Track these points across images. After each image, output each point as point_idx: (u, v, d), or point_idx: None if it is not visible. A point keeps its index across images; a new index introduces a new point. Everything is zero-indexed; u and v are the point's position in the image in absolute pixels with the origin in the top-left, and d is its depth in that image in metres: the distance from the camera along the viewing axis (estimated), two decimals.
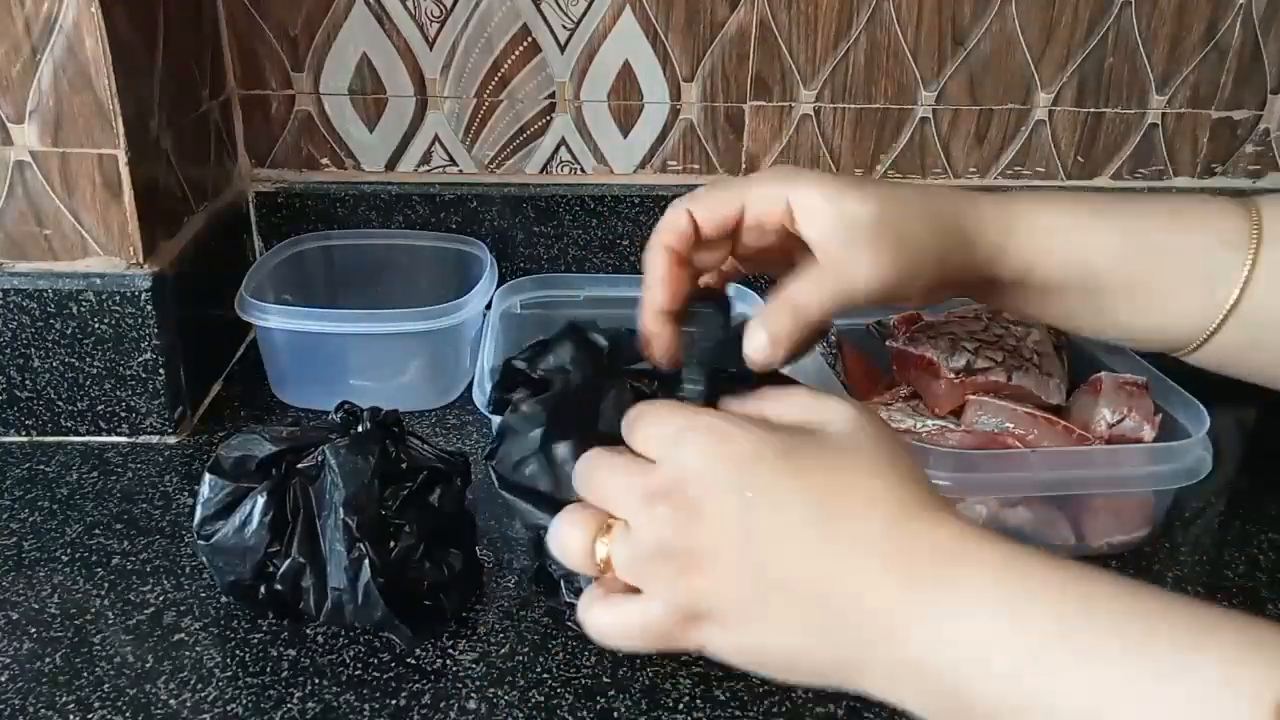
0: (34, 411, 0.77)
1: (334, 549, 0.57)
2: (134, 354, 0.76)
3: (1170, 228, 0.51)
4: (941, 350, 0.70)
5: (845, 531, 0.38)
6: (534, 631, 0.61)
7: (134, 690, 0.55)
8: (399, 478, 0.59)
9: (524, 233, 0.99)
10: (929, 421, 0.68)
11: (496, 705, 0.55)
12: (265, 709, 0.54)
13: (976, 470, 0.64)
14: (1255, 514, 0.74)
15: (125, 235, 0.73)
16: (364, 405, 0.62)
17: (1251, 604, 0.65)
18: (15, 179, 0.72)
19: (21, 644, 0.58)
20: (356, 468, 0.57)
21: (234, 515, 0.58)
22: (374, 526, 0.56)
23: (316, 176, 0.98)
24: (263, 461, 0.59)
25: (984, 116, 1.00)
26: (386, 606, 0.56)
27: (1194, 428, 0.68)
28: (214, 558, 0.59)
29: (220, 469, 0.59)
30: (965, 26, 0.95)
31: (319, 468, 0.58)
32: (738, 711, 0.55)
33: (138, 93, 0.73)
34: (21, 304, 0.74)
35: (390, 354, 0.83)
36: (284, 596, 0.58)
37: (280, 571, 0.57)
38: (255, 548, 0.57)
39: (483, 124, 0.97)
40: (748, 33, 0.94)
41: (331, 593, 0.57)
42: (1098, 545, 0.68)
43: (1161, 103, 1.01)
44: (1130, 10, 0.96)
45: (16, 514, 0.70)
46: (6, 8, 0.67)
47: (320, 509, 0.58)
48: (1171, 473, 0.66)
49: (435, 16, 0.92)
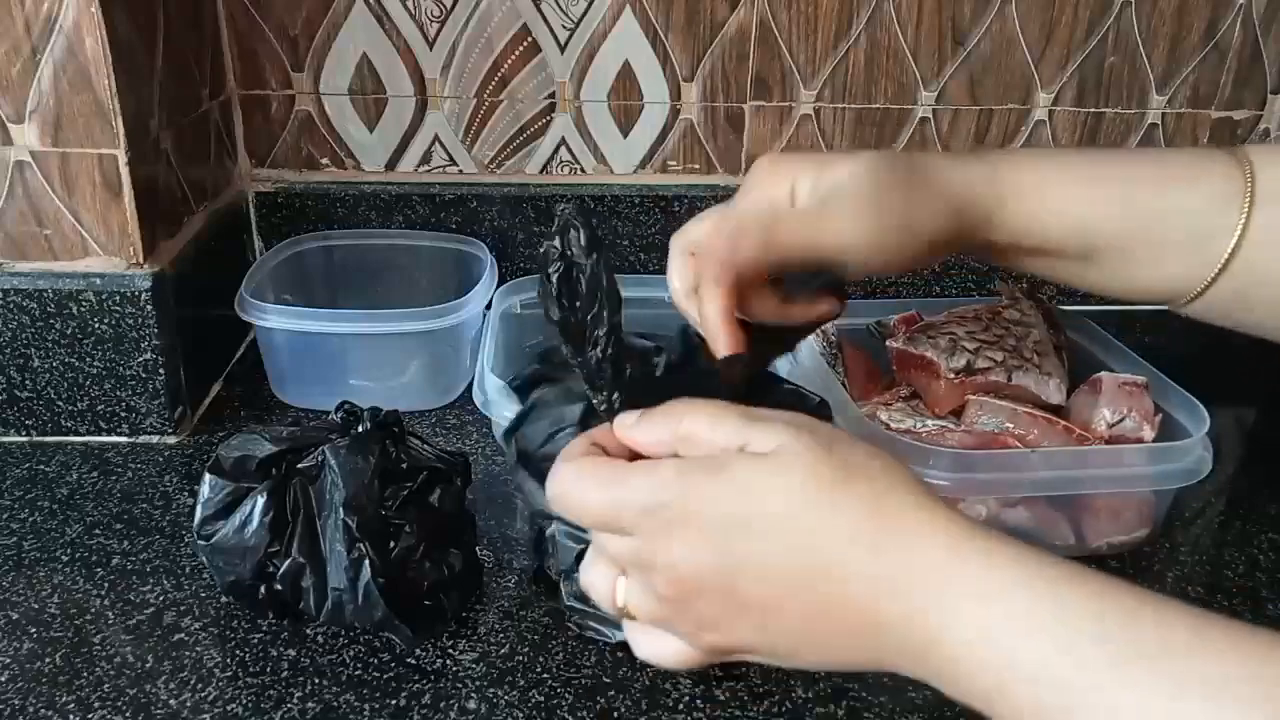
0: (34, 411, 0.77)
1: (334, 549, 0.57)
2: (134, 354, 0.76)
3: (1163, 190, 0.51)
4: (942, 350, 0.70)
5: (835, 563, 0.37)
6: (534, 631, 0.61)
7: (134, 690, 0.55)
8: (399, 478, 0.59)
9: (524, 233, 0.99)
10: (929, 421, 0.68)
11: (496, 705, 0.55)
12: (265, 709, 0.54)
13: (976, 470, 0.64)
14: (1255, 514, 0.74)
15: (125, 235, 0.73)
16: (364, 405, 0.62)
17: (1252, 604, 0.65)
18: (15, 179, 0.72)
19: (21, 644, 0.58)
20: (356, 468, 0.57)
21: (234, 515, 0.58)
22: (374, 527, 0.56)
23: (316, 176, 0.98)
24: (263, 461, 0.59)
25: (984, 116, 1.00)
26: (386, 606, 0.56)
27: (1194, 427, 0.68)
28: (214, 558, 0.59)
29: (220, 469, 0.59)
30: (965, 26, 0.95)
31: (319, 468, 0.58)
32: (738, 711, 0.55)
33: (138, 93, 0.73)
34: (21, 304, 0.74)
35: (390, 354, 0.83)
36: (284, 596, 0.58)
37: (280, 571, 0.57)
38: (255, 548, 0.57)
39: (483, 124, 0.97)
40: (748, 33, 0.94)
41: (331, 593, 0.57)
42: (1097, 545, 0.68)
43: (1161, 103, 1.01)
44: (1130, 10, 0.96)
45: (16, 514, 0.70)
46: (6, 8, 0.67)
47: (320, 509, 0.58)
48: (1172, 473, 0.66)
49: (435, 16, 0.92)
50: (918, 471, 0.62)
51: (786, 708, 0.56)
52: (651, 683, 0.57)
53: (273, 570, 0.58)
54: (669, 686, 0.57)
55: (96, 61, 0.68)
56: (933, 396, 0.70)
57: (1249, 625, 0.32)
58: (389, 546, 0.57)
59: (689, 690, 0.57)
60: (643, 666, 0.58)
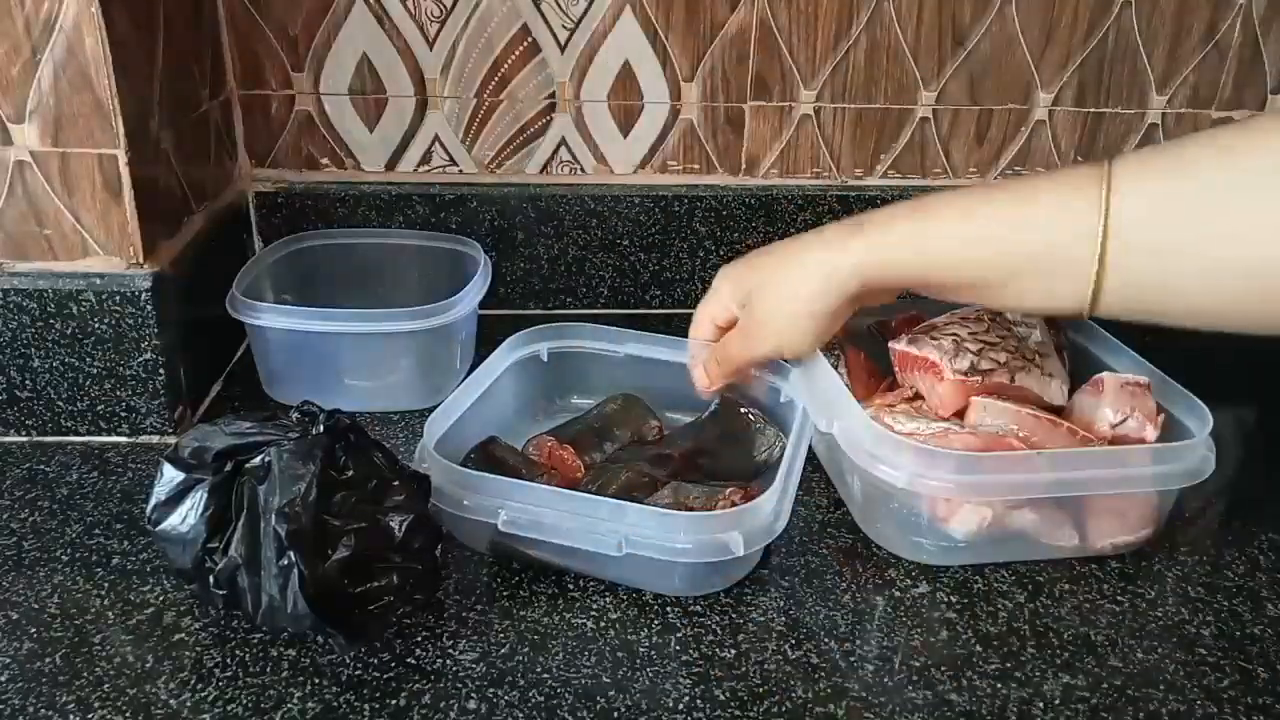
0: (34, 411, 0.77)
1: (266, 555, 0.56)
2: (134, 354, 0.76)
3: (1027, 227, 0.57)
4: (944, 352, 0.69)
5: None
6: (534, 631, 0.61)
7: (134, 690, 0.55)
8: (347, 485, 0.58)
9: (524, 233, 0.99)
10: (932, 423, 0.68)
11: (496, 705, 0.55)
12: (265, 709, 0.54)
13: (980, 472, 0.63)
14: (1256, 514, 0.74)
15: (125, 235, 0.73)
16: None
17: (1252, 604, 0.65)
18: (15, 179, 0.72)
19: (21, 644, 0.58)
20: (296, 474, 0.56)
21: (181, 505, 0.58)
22: (309, 535, 0.55)
23: (316, 176, 0.98)
24: (217, 454, 0.59)
25: (984, 116, 1.00)
26: (315, 616, 0.55)
27: (1197, 428, 0.68)
28: (161, 544, 0.60)
29: (177, 458, 0.59)
30: (965, 26, 0.95)
31: (265, 468, 0.58)
32: (738, 711, 0.55)
33: (138, 93, 0.73)
34: (21, 304, 0.74)
35: (381, 353, 0.83)
36: (224, 593, 0.58)
37: (218, 568, 0.57)
38: (193, 541, 0.58)
39: (483, 124, 0.97)
40: (748, 33, 0.94)
41: (265, 596, 0.56)
42: (1101, 546, 0.68)
43: (1161, 103, 1.01)
44: (1130, 10, 0.96)
45: (16, 514, 0.70)
46: (6, 8, 0.66)
47: (263, 510, 0.57)
48: (1175, 473, 0.66)
49: (435, 16, 0.92)
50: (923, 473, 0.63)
51: (786, 708, 0.56)
52: (651, 683, 0.57)
53: (211, 566, 0.57)
54: (669, 686, 0.57)
55: (96, 61, 0.68)
56: (936, 398, 0.70)
57: None
58: (326, 554, 0.56)
59: (689, 690, 0.57)
60: (643, 666, 0.58)
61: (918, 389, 0.72)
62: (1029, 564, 0.68)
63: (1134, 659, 0.60)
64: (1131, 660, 0.60)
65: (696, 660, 0.59)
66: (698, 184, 1.00)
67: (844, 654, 0.60)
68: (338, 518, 0.57)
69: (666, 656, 0.59)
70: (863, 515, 0.71)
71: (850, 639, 0.61)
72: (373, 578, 0.58)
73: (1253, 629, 0.63)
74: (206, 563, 0.58)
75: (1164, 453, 0.66)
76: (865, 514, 0.71)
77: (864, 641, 0.61)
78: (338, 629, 0.56)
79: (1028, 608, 0.64)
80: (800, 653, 0.60)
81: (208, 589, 0.58)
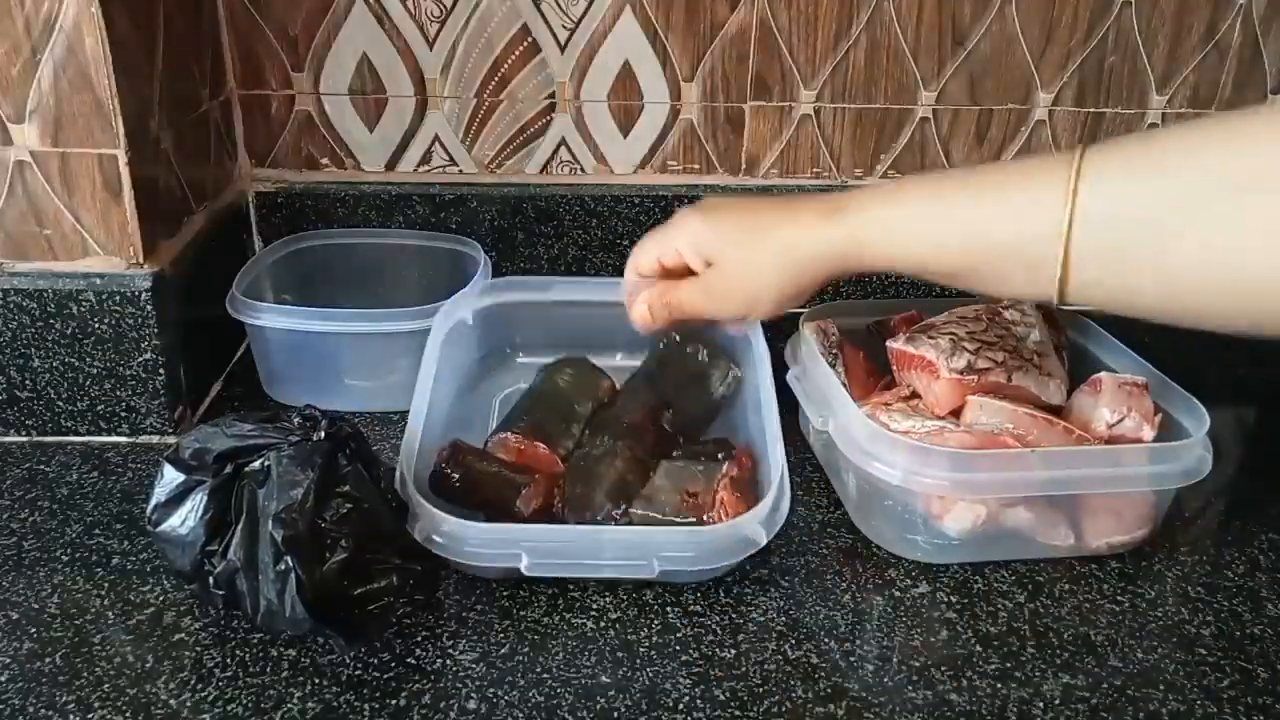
0: (34, 411, 0.77)
1: (264, 559, 0.56)
2: (134, 354, 0.76)
3: (999, 218, 0.57)
4: (942, 350, 0.70)
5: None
6: (534, 631, 0.61)
7: (134, 690, 0.55)
8: (344, 492, 0.58)
9: (524, 233, 0.99)
10: (929, 422, 0.68)
11: (496, 705, 0.55)
12: (265, 709, 0.54)
13: (976, 470, 0.63)
14: (1255, 514, 0.74)
15: (125, 235, 0.73)
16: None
17: (1252, 604, 0.65)
18: (15, 179, 0.72)
19: (21, 644, 0.58)
20: (294, 480, 0.56)
21: (182, 507, 0.58)
22: (305, 541, 0.55)
23: (316, 176, 0.98)
24: (218, 456, 0.59)
25: (984, 116, 1.00)
26: (313, 619, 0.55)
27: (1194, 428, 0.68)
28: (161, 545, 0.60)
29: (177, 459, 0.59)
30: (965, 26, 0.95)
31: (265, 472, 0.58)
32: (737, 711, 0.55)
33: (138, 93, 0.73)
34: (21, 304, 0.74)
35: (381, 353, 0.83)
36: (224, 595, 0.58)
37: (217, 570, 0.57)
38: (193, 543, 0.58)
39: (483, 124, 0.97)
40: (748, 33, 0.94)
41: (263, 600, 0.56)
42: (1096, 545, 0.68)
43: (1161, 103, 1.01)
44: (1130, 10, 0.96)
45: (16, 514, 0.70)
46: (6, 8, 0.67)
47: (262, 514, 0.57)
48: (1172, 473, 0.66)
49: (435, 16, 0.92)
50: (917, 471, 0.63)
51: (786, 708, 0.56)
52: (651, 683, 0.57)
53: (210, 568, 0.57)
54: (669, 686, 0.57)
55: (96, 61, 0.68)
56: (933, 397, 0.70)
57: None
58: (324, 558, 0.56)
59: (689, 690, 0.57)
60: (643, 666, 0.58)
61: (915, 388, 0.72)
62: (1029, 564, 0.68)
63: (1134, 659, 0.60)
64: (1131, 660, 0.60)
65: (696, 660, 0.59)
66: (698, 184, 1.00)
67: (844, 654, 0.60)
68: (331, 522, 0.57)
69: (666, 656, 0.59)
70: (858, 513, 0.71)
71: (850, 639, 0.61)
72: (372, 578, 0.58)
73: (1253, 629, 0.63)
74: (206, 565, 0.58)
75: (1159, 452, 0.66)
76: (861, 511, 0.71)
77: (864, 641, 0.61)
78: (337, 630, 0.56)
79: (1028, 608, 0.64)
80: (800, 653, 0.60)
81: (207, 590, 0.58)
